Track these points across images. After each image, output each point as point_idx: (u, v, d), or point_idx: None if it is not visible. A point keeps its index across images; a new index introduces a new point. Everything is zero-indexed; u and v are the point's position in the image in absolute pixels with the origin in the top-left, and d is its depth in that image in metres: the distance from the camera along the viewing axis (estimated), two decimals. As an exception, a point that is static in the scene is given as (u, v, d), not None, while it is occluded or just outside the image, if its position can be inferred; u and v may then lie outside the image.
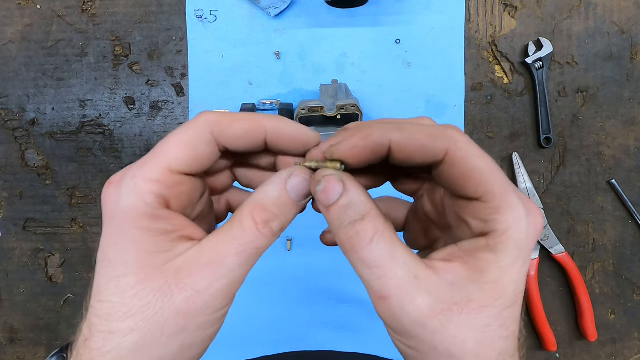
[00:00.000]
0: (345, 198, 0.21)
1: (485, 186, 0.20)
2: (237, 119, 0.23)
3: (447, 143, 0.21)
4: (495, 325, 0.21)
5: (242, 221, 0.22)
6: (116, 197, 0.21)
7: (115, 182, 0.22)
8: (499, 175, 0.21)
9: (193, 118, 0.23)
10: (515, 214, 0.20)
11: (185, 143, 0.22)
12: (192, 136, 0.22)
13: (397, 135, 0.21)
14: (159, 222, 0.21)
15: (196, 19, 0.57)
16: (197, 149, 0.22)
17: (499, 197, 0.20)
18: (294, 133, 0.24)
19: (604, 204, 0.58)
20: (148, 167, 0.21)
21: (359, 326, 0.58)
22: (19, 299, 0.60)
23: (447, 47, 0.57)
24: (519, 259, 0.21)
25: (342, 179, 0.22)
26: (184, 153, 0.22)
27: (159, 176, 0.21)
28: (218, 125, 0.22)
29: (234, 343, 0.58)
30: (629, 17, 0.57)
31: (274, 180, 0.23)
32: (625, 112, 0.57)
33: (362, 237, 0.21)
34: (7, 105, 0.59)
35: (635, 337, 0.59)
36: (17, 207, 0.59)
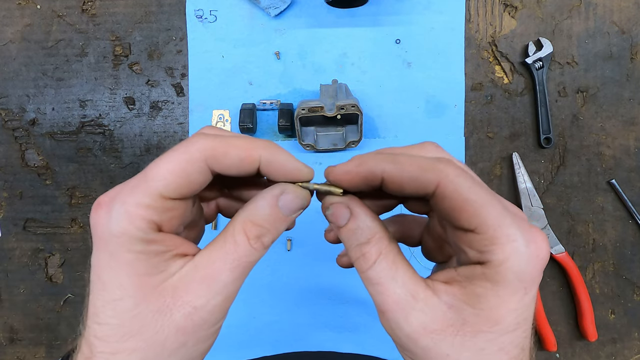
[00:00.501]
0: (353, 223, 0.23)
1: (478, 218, 0.20)
2: (232, 147, 0.22)
3: (438, 176, 0.21)
4: (492, 349, 0.21)
5: (235, 237, 0.23)
6: (107, 222, 0.21)
7: (104, 206, 0.21)
8: (493, 206, 0.21)
9: (188, 140, 0.22)
10: (512, 245, 0.20)
11: (178, 171, 0.21)
12: (185, 164, 0.21)
13: (389, 166, 0.22)
14: (151, 245, 0.21)
15: (196, 19, 0.57)
16: (189, 177, 0.22)
17: (493, 228, 0.20)
18: (288, 167, 0.24)
19: (604, 204, 0.58)
20: (139, 192, 0.21)
21: (359, 326, 0.58)
22: (19, 299, 0.60)
23: (447, 47, 0.57)
24: (519, 290, 0.21)
25: (349, 205, 0.24)
26: (176, 181, 0.21)
27: (150, 202, 0.21)
28: (213, 153, 0.22)
29: (234, 343, 0.58)
30: (629, 17, 0.57)
31: (265, 196, 0.23)
32: (625, 112, 0.57)
33: (367, 258, 0.23)
34: (7, 105, 0.59)
35: (635, 337, 0.59)
36: (17, 207, 0.59)
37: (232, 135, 0.23)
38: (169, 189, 0.21)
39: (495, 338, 0.21)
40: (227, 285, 0.22)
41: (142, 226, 0.21)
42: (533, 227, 0.22)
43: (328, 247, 0.59)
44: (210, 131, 0.24)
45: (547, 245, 0.22)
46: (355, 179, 0.23)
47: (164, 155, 0.22)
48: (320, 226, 0.57)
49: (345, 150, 0.57)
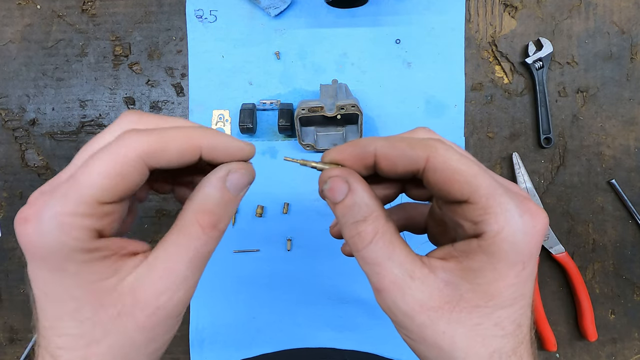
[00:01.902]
0: (350, 198, 0.23)
1: (470, 187, 0.21)
2: (171, 141, 0.21)
3: (427, 150, 0.21)
4: (487, 324, 0.21)
5: (189, 228, 0.22)
6: (39, 237, 0.19)
7: (33, 219, 0.20)
8: (484, 176, 0.21)
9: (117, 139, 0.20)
10: (506, 215, 0.20)
11: (113, 174, 0.20)
12: (121, 166, 0.20)
13: (380, 143, 0.23)
14: (95, 252, 0.20)
15: (196, 19, 0.57)
16: (126, 178, 0.20)
17: (486, 197, 0.20)
18: (231, 149, 0.23)
19: (604, 204, 0.58)
20: (71, 200, 0.19)
21: (359, 326, 0.58)
22: (19, 299, 0.60)
23: (447, 47, 0.57)
24: (517, 263, 0.21)
25: (348, 179, 0.23)
26: (111, 184, 0.20)
27: (86, 210, 0.20)
28: (150, 150, 0.20)
29: (234, 343, 0.58)
30: (629, 17, 0.57)
31: (212, 181, 0.22)
32: (625, 112, 0.57)
33: (363, 237, 0.22)
34: (7, 105, 0.59)
35: (635, 337, 0.59)
36: (17, 207, 0.59)
37: (167, 127, 0.22)
38: (104, 194, 0.20)
39: (491, 312, 0.21)
40: (187, 278, 0.22)
41: (80, 236, 0.20)
42: (527, 199, 0.22)
43: (328, 247, 0.59)
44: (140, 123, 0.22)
45: (544, 217, 0.21)
46: (349, 158, 0.24)
47: (95, 156, 0.20)
48: (320, 226, 0.58)
49: (345, 150, 0.57)
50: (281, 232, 0.58)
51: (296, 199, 0.57)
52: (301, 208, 0.57)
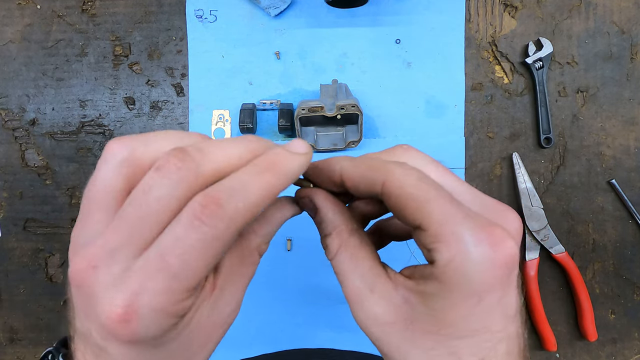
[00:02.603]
0: (318, 216, 0.25)
1: (421, 213, 0.20)
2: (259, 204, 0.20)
3: (384, 175, 0.21)
4: (441, 351, 0.21)
5: (252, 258, 0.24)
6: (143, 330, 0.19)
7: (133, 319, 0.18)
8: (439, 201, 0.20)
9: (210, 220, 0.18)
10: (458, 245, 0.19)
11: (215, 258, 0.19)
12: (222, 248, 0.19)
13: (345, 163, 0.23)
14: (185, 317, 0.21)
15: (196, 19, 0.57)
16: (221, 254, 0.20)
17: (438, 224, 0.19)
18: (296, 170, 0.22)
19: (604, 204, 0.58)
20: (177, 293, 0.19)
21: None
22: (19, 299, 0.60)
23: (447, 47, 0.57)
24: (470, 296, 0.19)
25: (313, 198, 0.25)
26: (213, 265, 0.20)
27: (184, 296, 0.19)
28: (244, 225, 0.19)
29: (234, 343, 0.58)
30: (629, 17, 0.57)
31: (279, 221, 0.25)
32: (625, 112, 0.57)
33: (330, 250, 0.24)
34: (7, 105, 0.59)
35: (635, 337, 0.59)
36: (17, 207, 0.59)
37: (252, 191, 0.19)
38: (205, 274, 0.19)
39: (445, 340, 0.20)
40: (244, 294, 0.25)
41: (184, 312, 0.20)
42: (493, 225, 0.20)
43: (328, 247, 0.59)
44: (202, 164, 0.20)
45: (509, 246, 0.19)
46: (320, 175, 0.25)
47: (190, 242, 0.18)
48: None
49: (345, 150, 0.57)
50: (281, 232, 0.58)
51: (296, 199, 0.57)
52: (301, 208, 0.57)
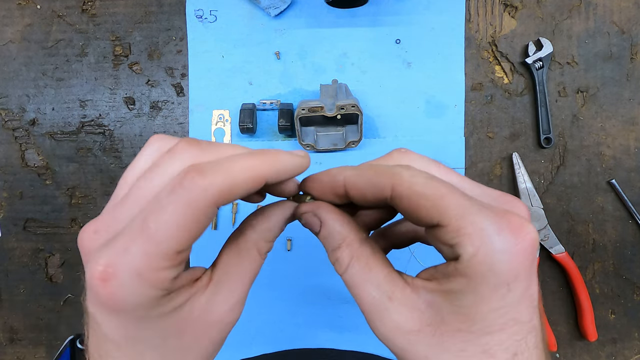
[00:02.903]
0: (324, 230, 0.24)
1: (437, 210, 0.20)
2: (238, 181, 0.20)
3: (391, 179, 0.21)
4: (473, 350, 0.20)
5: (251, 254, 0.24)
6: (123, 296, 0.19)
7: (112, 279, 0.19)
8: (453, 195, 0.20)
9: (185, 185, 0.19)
10: (481, 234, 0.19)
11: (190, 224, 0.19)
12: (196, 215, 0.19)
13: (348, 173, 0.23)
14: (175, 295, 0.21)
15: (196, 19, 0.57)
16: (200, 224, 0.20)
17: (456, 218, 0.19)
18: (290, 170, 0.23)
19: (604, 204, 0.58)
20: (153, 257, 0.19)
21: (359, 326, 0.58)
22: (19, 299, 0.60)
23: (447, 47, 0.57)
24: (499, 285, 0.19)
25: (317, 212, 0.25)
26: (189, 234, 0.20)
27: (167, 263, 0.19)
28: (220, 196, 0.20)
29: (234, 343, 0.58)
30: (629, 17, 0.57)
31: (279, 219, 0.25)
32: (625, 112, 0.57)
33: (340, 263, 0.23)
34: (7, 105, 0.59)
35: (635, 337, 0.59)
36: (17, 207, 0.59)
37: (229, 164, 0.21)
38: (183, 244, 0.20)
39: (476, 338, 0.20)
40: (246, 295, 0.24)
41: (165, 286, 0.20)
42: (509, 214, 0.20)
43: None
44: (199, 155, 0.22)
45: (528, 231, 0.19)
46: (320, 190, 0.24)
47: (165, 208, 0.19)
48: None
49: (345, 150, 0.57)
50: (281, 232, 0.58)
51: (296, 199, 0.57)
52: (301, 208, 0.57)
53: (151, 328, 0.21)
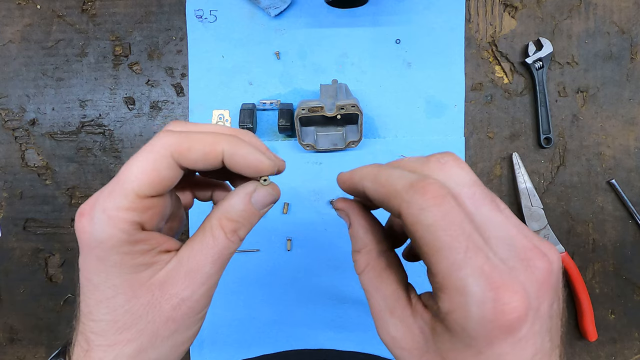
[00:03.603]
0: (351, 230, 0.26)
1: (431, 259, 0.19)
2: (195, 142, 0.23)
3: (400, 205, 0.20)
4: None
5: (214, 232, 0.25)
6: (90, 229, 0.22)
7: (86, 214, 0.22)
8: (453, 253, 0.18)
9: (154, 138, 0.23)
10: (460, 299, 0.18)
11: (148, 169, 0.22)
12: (153, 161, 0.22)
13: (367, 184, 0.23)
14: (137, 245, 0.23)
15: (196, 19, 0.57)
16: (160, 173, 0.22)
17: (442, 274, 0.19)
18: (249, 160, 0.24)
19: (604, 204, 0.58)
20: (116, 196, 0.22)
21: (359, 326, 0.58)
22: (19, 299, 0.60)
23: (447, 47, 0.57)
24: (471, 346, 0.19)
25: (349, 214, 0.26)
26: (148, 178, 0.22)
27: (129, 204, 0.22)
28: (177, 149, 0.23)
29: (234, 343, 0.58)
30: (629, 17, 0.57)
31: (239, 193, 0.25)
32: (625, 112, 0.57)
33: (358, 266, 0.25)
34: (7, 105, 0.59)
35: (635, 337, 0.59)
36: (17, 207, 0.59)
37: (197, 130, 0.24)
38: (143, 188, 0.22)
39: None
40: (210, 276, 0.24)
41: (125, 228, 0.22)
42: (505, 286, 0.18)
43: (328, 247, 0.59)
44: (177, 127, 0.25)
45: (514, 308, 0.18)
46: (348, 189, 0.25)
47: (134, 156, 0.23)
48: (320, 226, 0.58)
49: (345, 150, 0.57)
50: (281, 232, 0.58)
51: (296, 199, 0.57)
52: (301, 208, 0.57)
53: (107, 275, 0.22)
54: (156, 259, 0.24)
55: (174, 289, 0.24)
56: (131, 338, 0.23)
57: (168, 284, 0.24)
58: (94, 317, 0.23)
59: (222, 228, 0.25)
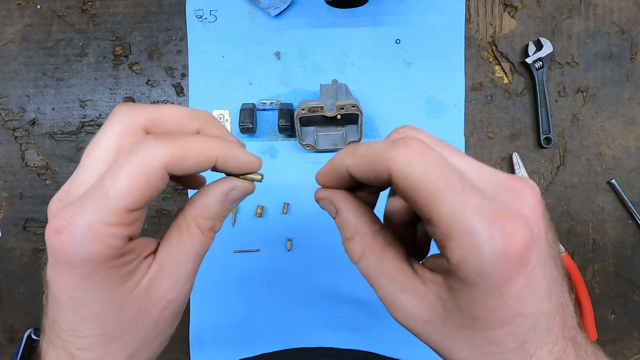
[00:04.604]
0: (338, 218, 0.24)
1: (431, 207, 0.19)
2: (189, 151, 0.22)
3: (388, 164, 0.20)
4: (481, 341, 0.20)
5: (191, 231, 0.24)
6: (73, 247, 0.20)
7: (65, 231, 0.20)
8: (448, 192, 0.18)
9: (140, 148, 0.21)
10: (469, 241, 0.18)
11: (141, 182, 0.21)
12: (146, 174, 0.21)
13: (349, 160, 0.22)
14: (124, 257, 0.22)
15: (196, 19, 0.57)
16: (152, 185, 0.21)
17: (447, 217, 0.18)
18: (242, 162, 0.24)
19: (604, 204, 0.58)
20: (104, 211, 0.20)
21: (359, 326, 0.58)
22: (19, 299, 0.60)
23: (447, 47, 0.57)
24: (492, 291, 0.19)
25: (333, 200, 0.25)
26: (140, 192, 0.21)
27: (119, 219, 0.20)
28: (171, 160, 0.21)
29: (234, 343, 0.58)
30: (629, 17, 0.57)
31: (215, 193, 0.25)
32: (625, 112, 0.57)
33: (354, 254, 0.24)
34: (7, 105, 0.59)
35: (635, 337, 0.59)
36: (17, 207, 0.59)
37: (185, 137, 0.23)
38: (134, 202, 0.21)
39: (481, 332, 0.20)
40: (192, 274, 0.25)
41: (114, 243, 0.21)
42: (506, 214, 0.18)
43: (328, 247, 0.59)
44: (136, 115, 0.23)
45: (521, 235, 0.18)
46: (330, 180, 0.25)
47: (120, 165, 0.21)
48: (320, 226, 0.58)
49: (345, 150, 0.57)
50: (281, 232, 0.58)
51: (296, 199, 0.57)
52: (301, 208, 0.57)
53: (94, 291, 0.22)
54: (139, 266, 0.23)
55: (159, 293, 0.23)
56: (121, 347, 0.23)
57: (153, 289, 0.23)
58: (79, 333, 0.22)
59: (199, 227, 0.24)
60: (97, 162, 0.23)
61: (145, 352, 0.24)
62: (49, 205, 0.23)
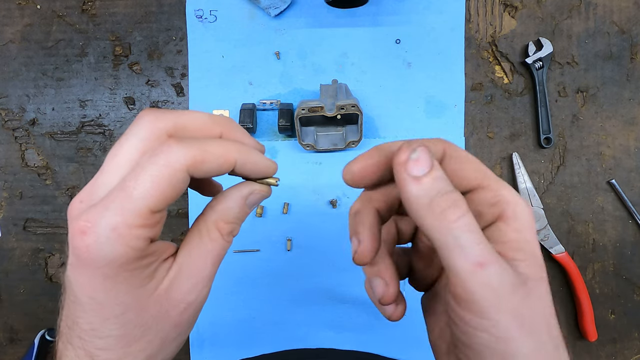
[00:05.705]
0: (438, 171, 0.21)
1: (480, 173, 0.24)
2: (210, 154, 0.22)
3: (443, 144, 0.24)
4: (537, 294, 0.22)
5: (211, 235, 0.25)
6: (97, 249, 0.21)
7: (90, 232, 0.21)
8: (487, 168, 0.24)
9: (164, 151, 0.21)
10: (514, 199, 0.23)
11: (164, 185, 0.21)
12: (169, 177, 0.21)
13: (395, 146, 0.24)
14: (145, 259, 0.22)
15: (196, 19, 0.57)
16: (175, 187, 0.22)
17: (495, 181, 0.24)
18: (260, 167, 0.25)
19: (604, 204, 0.58)
20: (128, 212, 0.21)
21: (359, 326, 0.58)
22: (19, 299, 0.60)
23: (447, 47, 0.57)
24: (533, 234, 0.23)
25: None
26: (163, 194, 0.21)
27: (142, 221, 0.21)
28: (193, 163, 0.22)
29: (234, 343, 0.58)
30: (629, 17, 0.57)
31: (235, 197, 0.25)
32: (625, 112, 0.57)
33: (455, 210, 0.21)
34: (7, 105, 0.59)
35: (635, 337, 0.59)
36: (17, 207, 0.59)
37: (206, 141, 0.23)
38: (157, 204, 0.21)
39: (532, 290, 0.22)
40: (211, 277, 0.25)
41: (138, 245, 0.21)
42: None
43: (328, 248, 0.59)
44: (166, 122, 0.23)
45: None
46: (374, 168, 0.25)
47: (144, 167, 0.21)
48: (320, 226, 0.58)
49: (345, 150, 0.57)
50: (281, 232, 0.58)
51: (296, 199, 0.57)
52: (301, 208, 0.57)
53: (116, 292, 0.22)
54: (159, 268, 0.24)
55: (179, 296, 0.24)
56: (141, 348, 0.23)
57: (173, 292, 0.24)
58: (100, 334, 0.23)
59: (219, 230, 0.25)
60: (120, 165, 0.23)
61: (164, 353, 0.24)
62: (70, 206, 0.23)
